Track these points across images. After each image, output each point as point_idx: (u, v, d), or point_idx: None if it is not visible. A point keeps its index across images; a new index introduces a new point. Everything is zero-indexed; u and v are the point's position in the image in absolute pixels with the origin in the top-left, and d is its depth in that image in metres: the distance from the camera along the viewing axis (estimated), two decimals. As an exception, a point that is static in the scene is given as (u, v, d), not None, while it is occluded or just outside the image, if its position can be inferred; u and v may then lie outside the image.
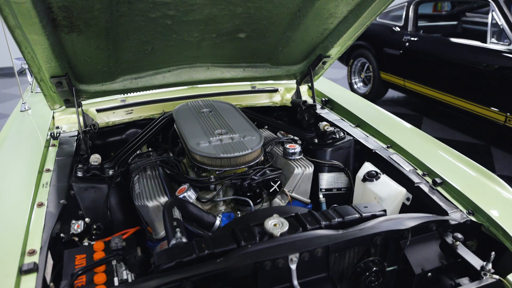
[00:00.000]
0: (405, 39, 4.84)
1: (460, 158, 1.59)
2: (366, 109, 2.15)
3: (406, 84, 4.94)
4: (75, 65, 1.61)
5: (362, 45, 5.69)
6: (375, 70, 5.53)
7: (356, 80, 6.19)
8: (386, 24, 5.32)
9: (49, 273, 1.08)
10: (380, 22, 5.48)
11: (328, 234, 1.08)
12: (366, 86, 6.01)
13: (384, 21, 5.41)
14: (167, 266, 1.00)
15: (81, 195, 1.45)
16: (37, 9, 1.15)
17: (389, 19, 5.33)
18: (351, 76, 6.19)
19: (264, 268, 1.01)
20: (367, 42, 5.57)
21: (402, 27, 4.98)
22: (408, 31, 4.88)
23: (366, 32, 5.95)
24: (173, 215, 1.23)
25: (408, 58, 4.82)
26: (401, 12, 5.09)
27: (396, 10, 5.24)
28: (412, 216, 1.21)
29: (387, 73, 5.30)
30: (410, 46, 4.77)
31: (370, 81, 5.78)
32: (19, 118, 2.01)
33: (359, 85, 6.18)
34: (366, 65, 5.83)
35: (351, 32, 1.76)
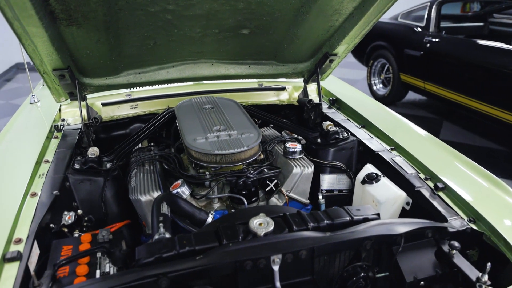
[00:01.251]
0: (426, 40, 4.69)
1: (467, 163, 1.52)
2: (373, 110, 2.09)
3: (426, 87, 4.80)
4: (78, 59, 1.62)
5: (382, 45, 5.57)
6: (395, 71, 5.39)
7: (375, 81, 6.06)
8: (407, 24, 5.17)
9: (33, 262, 1.09)
10: (401, 22, 5.34)
11: (313, 236, 1.04)
12: (386, 88, 5.88)
13: (406, 21, 5.27)
14: (146, 261, 0.99)
15: (77, 187, 1.46)
16: (32, 1, 1.16)
17: (411, 20, 5.19)
18: (371, 77, 6.06)
19: (244, 268, 0.98)
20: (387, 43, 5.45)
21: (424, 28, 4.83)
22: (429, 32, 4.73)
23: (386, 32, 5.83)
24: (161, 210, 1.22)
25: (429, 59, 4.67)
26: (423, 12, 4.94)
27: (419, 10, 5.10)
28: (407, 221, 1.16)
29: (407, 75, 5.16)
30: (431, 47, 4.62)
31: (389, 82, 5.65)
32: (27, 110, 2.06)
33: (379, 87, 6.04)
34: (386, 66, 5.70)
35: (357, 29, 1.71)
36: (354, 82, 7.23)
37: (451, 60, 4.45)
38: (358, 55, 6.39)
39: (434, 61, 4.64)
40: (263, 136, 2.04)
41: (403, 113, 5.44)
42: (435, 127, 4.99)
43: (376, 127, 1.82)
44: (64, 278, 1.05)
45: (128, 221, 1.35)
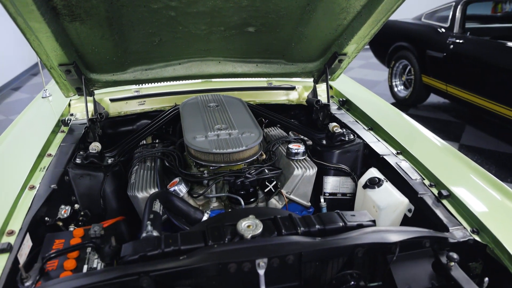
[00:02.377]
0: (449, 41, 4.53)
1: (476, 171, 1.44)
2: (383, 112, 2.02)
3: (449, 89, 4.63)
4: (83, 54, 1.64)
5: (404, 46, 5.42)
6: (416, 73, 5.24)
7: (397, 82, 5.91)
8: (431, 24, 5.01)
9: (24, 254, 1.10)
10: (424, 23, 5.19)
11: (302, 241, 1.01)
12: (407, 90, 5.72)
13: (429, 21, 5.11)
14: (130, 259, 0.99)
15: (76, 181, 1.48)
16: None
17: (435, 20, 5.03)
18: (392, 79, 5.91)
19: (228, 271, 0.96)
20: (409, 44, 5.30)
21: (448, 29, 4.67)
22: (453, 33, 4.57)
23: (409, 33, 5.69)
24: (153, 208, 1.21)
25: (452, 61, 4.51)
26: (447, 12, 4.77)
27: (443, 10, 4.93)
28: (404, 230, 1.11)
29: (429, 77, 5.00)
30: (454, 48, 4.46)
31: (411, 84, 5.49)
32: (38, 104, 2.11)
33: (400, 88, 5.89)
34: (408, 67, 5.55)
35: (366, 29, 1.65)
36: (375, 83, 7.09)
37: (475, 62, 4.28)
38: (379, 55, 6.26)
39: (457, 63, 4.48)
40: (268, 136, 2.01)
41: (424, 116, 5.34)
42: (457, 131, 4.82)
43: (384, 130, 1.76)
44: (52, 272, 1.06)
45: (123, 217, 1.35)
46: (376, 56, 6.38)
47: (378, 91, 6.61)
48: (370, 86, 6.91)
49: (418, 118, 5.32)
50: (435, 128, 4.95)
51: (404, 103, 5.73)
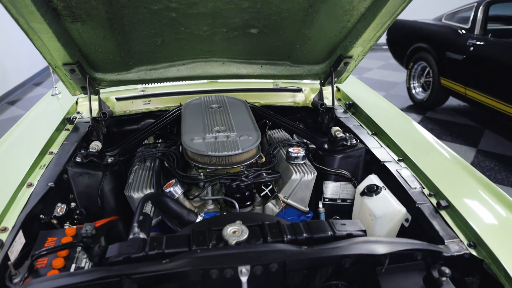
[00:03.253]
0: (469, 43, 4.39)
1: (482, 182, 1.38)
2: (389, 117, 1.97)
3: (467, 93, 4.49)
4: (87, 54, 1.66)
5: (423, 48, 5.29)
6: (435, 75, 5.11)
7: (415, 84, 5.78)
8: (451, 25, 4.87)
9: (16, 251, 1.12)
10: (444, 24, 5.04)
11: (286, 249, 0.99)
12: (425, 92, 5.59)
13: (450, 22, 4.97)
14: (114, 260, 0.99)
15: (75, 180, 1.50)
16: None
17: (455, 21, 4.88)
18: (410, 81, 5.79)
19: (210, 277, 0.95)
20: (429, 45, 5.16)
21: (468, 30, 4.53)
22: (474, 35, 4.42)
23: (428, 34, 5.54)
24: (143, 209, 1.22)
25: (471, 64, 4.37)
26: (469, 13, 4.63)
27: (464, 11, 4.78)
28: (395, 241, 1.07)
29: (447, 79, 4.86)
30: (474, 50, 4.32)
31: (429, 87, 5.36)
32: (47, 101, 2.15)
33: (418, 90, 5.76)
34: (427, 69, 5.41)
35: (370, 31, 1.61)
36: (394, 84, 6.95)
37: (496, 65, 4.13)
38: (398, 57, 6.13)
39: (477, 65, 4.33)
40: (271, 138, 2.00)
41: (442, 119, 5.20)
42: (475, 136, 4.67)
43: (388, 135, 1.71)
44: (42, 269, 1.08)
45: (117, 217, 1.36)
46: (395, 57, 6.25)
47: (396, 92, 6.48)
48: (388, 88, 6.78)
49: (435, 122, 5.19)
50: (453, 132, 4.81)
51: (422, 106, 5.60)
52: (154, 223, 1.50)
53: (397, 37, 6.01)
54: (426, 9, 7.89)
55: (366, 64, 8.54)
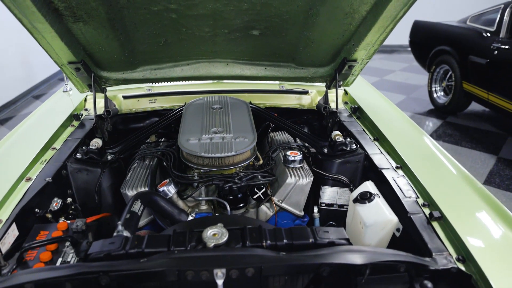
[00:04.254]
0: (494, 47, 4.22)
1: (481, 193, 1.33)
2: (394, 123, 1.92)
3: (490, 98, 4.33)
4: (91, 53, 1.71)
5: (446, 50, 5.14)
6: (457, 79, 4.95)
7: (436, 88, 5.62)
8: (475, 28, 4.70)
9: (8, 243, 1.17)
10: (469, 26, 4.88)
11: (264, 254, 0.98)
12: (447, 96, 5.42)
13: (474, 25, 4.80)
14: (95, 257, 1.02)
15: (74, 176, 1.54)
16: None
17: (480, 23, 4.71)
18: (432, 84, 5.63)
19: (186, 278, 0.96)
20: (452, 48, 5.01)
21: (493, 33, 4.36)
22: (499, 38, 4.25)
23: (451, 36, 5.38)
24: (131, 208, 1.24)
25: (495, 68, 4.21)
26: (495, 15, 4.45)
27: (490, 13, 4.61)
28: (378, 251, 1.05)
29: (470, 84, 4.70)
30: (499, 54, 4.15)
31: (451, 91, 5.20)
32: (57, 97, 2.22)
33: (439, 94, 5.59)
34: (449, 73, 5.25)
35: (373, 35, 1.58)
36: (415, 87, 6.78)
37: (521, 71, 3.96)
38: (420, 59, 5.98)
39: (501, 70, 4.17)
40: (273, 140, 1.99)
41: (463, 124, 5.04)
42: (497, 143, 4.50)
43: (389, 141, 1.67)
44: (30, 262, 1.12)
45: (108, 214, 1.39)
46: (417, 59, 6.10)
47: (417, 96, 6.32)
48: (410, 91, 6.62)
49: (455, 127, 5.04)
50: (473, 138, 4.65)
51: (443, 110, 5.44)
52: (147, 222, 1.53)
53: (420, 39, 5.86)
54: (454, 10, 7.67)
55: (388, 66, 8.37)
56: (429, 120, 5.42)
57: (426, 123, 5.38)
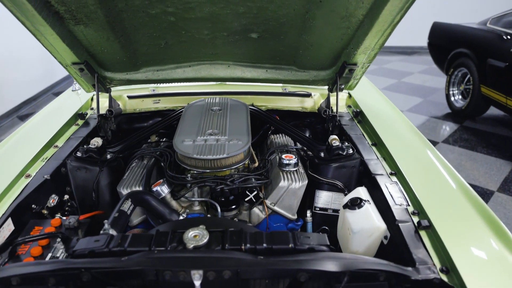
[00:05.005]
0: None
1: (474, 204, 1.30)
2: (395, 128, 1.89)
3: (509, 103, 4.19)
4: (94, 54, 1.75)
5: (465, 53, 5.00)
6: (475, 82, 4.81)
7: (454, 91, 5.48)
8: (495, 30, 4.56)
9: (3, 237, 1.22)
10: (489, 28, 4.73)
11: (241, 258, 0.99)
12: (465, 100, 5.28)
13: (495, 27, 4.65)
14: (79, 253, 1.05)
15: (73, 173, 1.59)
16: (31, 3, 1.28)
17: (501, 25, 4.56)
18: (449, 87, 5.50)
19: (164, 277, 0.98)
20: (470, 51, 4.87)
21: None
22: (519, 41, 4.12)
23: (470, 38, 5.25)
24: (121, 207, 1.27)
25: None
26: (516, 17, 4.31)
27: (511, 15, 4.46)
28: (359, 259, 1.04)
29: (488, 88, 4.56)
30: (518, 58, 4.02)
31: (469, 94, 5.06)
32: (66, 96, 2.29)
33: (457, 98, 5.45)
34: (467, 76, 5.11)
35: (371, 39, 1.56)
36: (433, 90, 6.63)
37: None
38: (439, 62, 5.84)
39: (520, 74, 4.03)
40: (272, 143, 1.99)
41: (480, 129, 4.91)
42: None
43: (386, 147, 1.65)
44: (22, 256, 1.17)
45: (101, 212, 1.43)
46: (436, 62, 5.96)
47: (434, 99, 6.19)
48: (427, 94, 6.48)
49: (472, 132, 4.90)
50: (490, 143, 4.52)
51: (460, 114, 5.30)
52: (141, 221, 1.56)
53: (438, 41, 5.73)
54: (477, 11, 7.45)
55: (407, 68, 8.21)
56: (446, 124, 5.30)
57: (443, 127, 5.26)
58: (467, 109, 5.13)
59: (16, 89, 5.69)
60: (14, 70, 5.61)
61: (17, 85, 5.73)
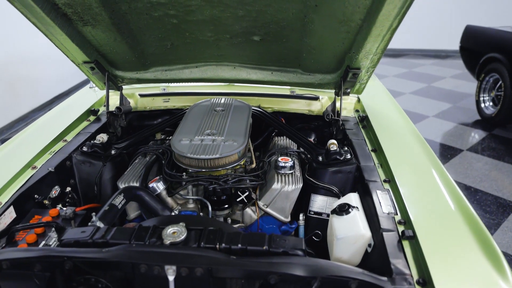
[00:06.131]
0: (547, 56, 3.87)
1: (466, 215, 1.26)
2: (398, 135, 1.85)
3: (541, 112, 3.98)
4: (104, 54, 1.83)
5: (497, 58, 4.79)
6: (507, 89, 4.60)
7: (485, 98, 5.26)
8: (530, 35, 4.34)
9: (4, 223, 1.30)
10: (523, 32, 4.50)
11: (211, 256, 1.02)
12: (495, 107, 5.05)
13: (530, 31, 4.42)
14: (66, 242, 1.11)
15: (78, 167, 1.68)
16: (39, 5, 1.37)
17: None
18: (480, 93, 5.29)
19: (139, 270, 1.02)
20: (502, 55, 4.66)
21: (549, 41, 3.99)
22: (555, 46, 3.89)
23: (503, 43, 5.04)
24: (113, 201, 1.33)
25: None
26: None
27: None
28: (331, 265, 1.04)
29: (520, 95, 4.35)
30: (552, 65, 3.80)
31: (500, 101, 4.84)
32: (83, 92, 2.40)
33: (487, 104, 5.23)
34: (499, 82, 4.89)
35: (371, 43, 1.54)
36: (464, 96, 6.39)
37: None
38: (470, 66, 5.62)
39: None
40: (275, 145, 2.01)
41: (510, 138, 4.65)
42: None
43: (384, 153, 1.63)
44: (18, 242, 1.25)
45: (98, 205, 1.50)
46: (467, 66, 5.74)
47: (464, 105, 5.96)
48: (457, 99, 6.25)
49: (501, 140, 4.68)
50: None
51: (490, 122, 5.08)
52: (137, 215, 1.62)
53: (470, 45, 5.51)
54: None
55: (439, 72, 7.94)
56: (474, 131, 5.09)
57: (472, 134, 5.06)
58: (497, 117, 4.91)
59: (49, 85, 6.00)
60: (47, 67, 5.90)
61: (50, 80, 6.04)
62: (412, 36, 8.54)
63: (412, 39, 8.95)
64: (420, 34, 9.07)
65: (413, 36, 8.62)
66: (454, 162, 4.24)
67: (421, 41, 9.38)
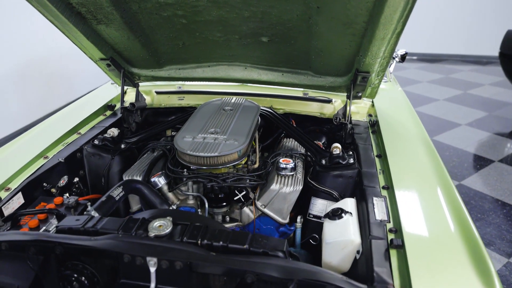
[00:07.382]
0: None
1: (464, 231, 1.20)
2: (405, 141, 1.80)
3: None
4: (120, 51, 1.91)
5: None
6: (547, 99, 4.31)
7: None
8: None
9: (12, 208, 1.39)
10: None
11: (190, 251, 1.04)
12: (535, 117, 4.76)
13: None
14: (60, 229, 1.17)
15: (88, 159, 1.76)
16: (53, 4, 1.45)
17: None
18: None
19: (123, 259, 1.07)
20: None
21: None
22: None
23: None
24: (111, 192, 1.39)
25: None
26: None
27: None
28: (308, 269, 1.03)
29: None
30: None
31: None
32: (103, 88, 2.50)
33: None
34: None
35: (377, 47, 1.51)
36: (502, 105, 6.06)
37: None
38: (510, 73, 5.32)
39: None
40: (282, 147, 2.01)
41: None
42: None
43: (387, 160, 1.59)
44: (22, 226, 1.33)
45: (99, 196, 1.57)
46: (506, 74, 5.44)
47: (501, 114, 5.66)
48: (494, 108, 5.93)
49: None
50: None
51: (528, 132, 4.79)
52: (139, 208, 1.68)
53: (510, 51, 5.21)
54: None
55: (478, 78, 7.57)
56: (510, 142, 4.82)
57: (508, 145, 4.79)
58: (536, 128, 4.61)
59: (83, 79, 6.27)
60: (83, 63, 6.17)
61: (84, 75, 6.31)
62: (451, 40, 8.20)
63: (450, 44, 8.60)
64: (459, 39, 8.69)
65: (451, 41, 8.27)
66: (483, 173, 4.03)
67: (460, 46, 8.97)
